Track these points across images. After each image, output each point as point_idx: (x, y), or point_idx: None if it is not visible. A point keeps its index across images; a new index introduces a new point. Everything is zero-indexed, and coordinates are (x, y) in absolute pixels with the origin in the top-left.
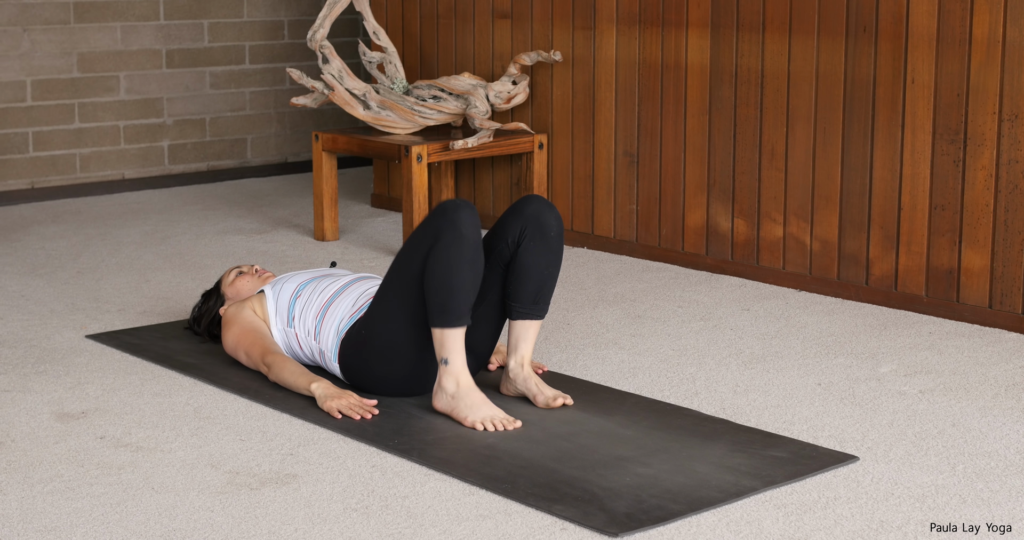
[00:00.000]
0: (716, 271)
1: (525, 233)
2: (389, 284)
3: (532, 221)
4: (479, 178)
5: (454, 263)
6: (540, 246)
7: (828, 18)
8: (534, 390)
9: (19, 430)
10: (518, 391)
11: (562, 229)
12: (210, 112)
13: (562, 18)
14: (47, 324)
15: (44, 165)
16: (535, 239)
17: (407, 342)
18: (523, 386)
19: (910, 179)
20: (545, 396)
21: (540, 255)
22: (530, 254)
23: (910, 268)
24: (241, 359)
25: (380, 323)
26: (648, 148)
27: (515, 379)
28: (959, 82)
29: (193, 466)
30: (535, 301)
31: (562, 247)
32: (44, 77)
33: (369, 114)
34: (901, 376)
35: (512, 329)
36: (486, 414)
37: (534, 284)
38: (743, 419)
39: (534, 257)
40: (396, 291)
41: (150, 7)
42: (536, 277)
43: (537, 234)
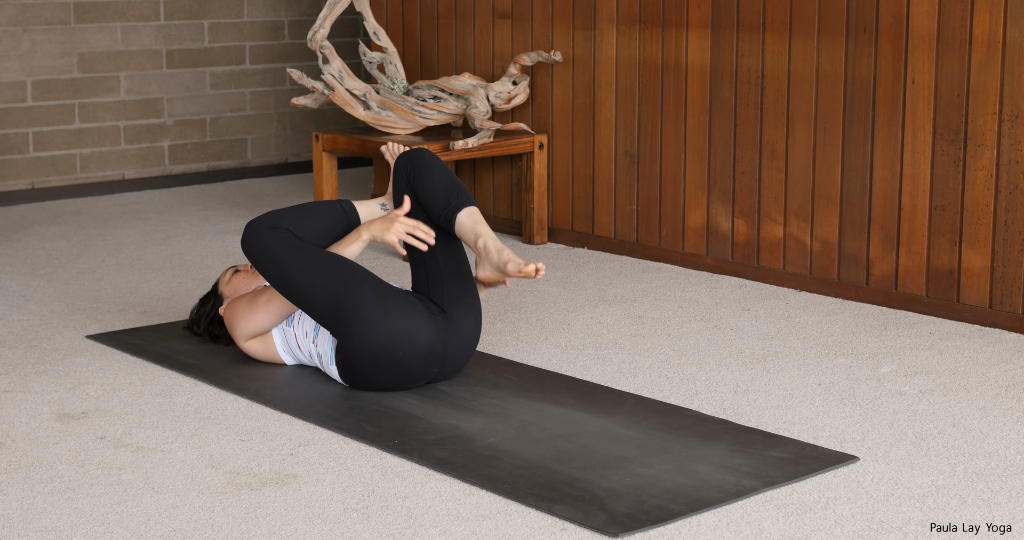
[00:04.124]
0: (716, 271)
1: (410, 174)
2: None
3: (405, 166)
4: (479, 178)
5: (301, 223)
6: (421, 170)
7: (828, 18)
8: (506, 258)
9: (19, 430)
10: (494, 267)
11: (428, 152)
12: (210, 112)
13: (562, 18)
14: (47, 324)
15: (44, 165)
16: (415, 172)
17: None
18: (497, 258)
19: (910, 179)
20: (516, 262)
21: (427, 175)
22: (419, 179)
23: (910, 268)
24: (263, 318)
25: (344, 327)
26: (648, 148)
27: (487, 256)
28: (959, 82)
29: (193, 466)
30: (453, 196)
31: (435, 157)
32: (44, 77)
33: (369, 114)
34: (901, 376)
35: (459, 231)
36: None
37: (441, 189)
38: (743, 419)
39: (425, 177)
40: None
41: (150, 7)
42: (437, 184)
43: (414, 169)
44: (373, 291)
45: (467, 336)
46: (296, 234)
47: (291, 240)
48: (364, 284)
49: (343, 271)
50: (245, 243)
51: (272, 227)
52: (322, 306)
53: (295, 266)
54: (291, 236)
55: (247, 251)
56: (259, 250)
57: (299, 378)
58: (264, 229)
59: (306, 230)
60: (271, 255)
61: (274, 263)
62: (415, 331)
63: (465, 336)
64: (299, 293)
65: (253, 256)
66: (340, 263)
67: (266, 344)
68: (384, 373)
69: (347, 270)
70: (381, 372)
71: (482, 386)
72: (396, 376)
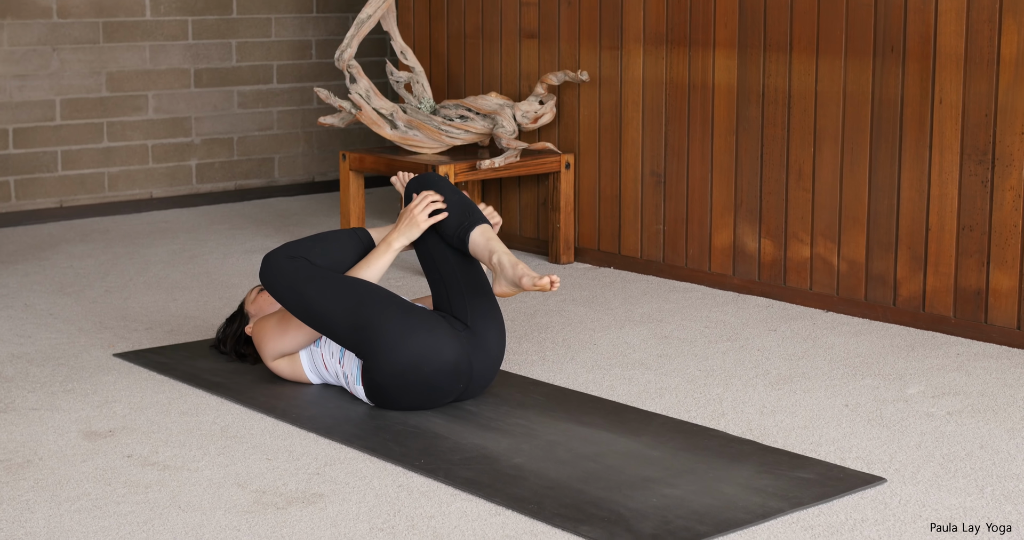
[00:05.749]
0: (743, 291)
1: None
2: (333, 328)
3: (416, 191)
4: (506, 198)
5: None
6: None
7: (855, 38)
8: (520, 272)
9: (47, 448)
10: (510, 282)
11: (437, 175)
12: (238, 131)
13: (589, 38)
14: (75, 342)
15: (73, 184)
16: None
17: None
18: (512, 273)
19: (938, 199)
20: (531, 276)
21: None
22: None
23: (938, 289)
24: (294, 339)
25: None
26: (675, 168)
27: (502, 271)
28: (987, 102)
29: (220, 485)
30: (465, 217)
31: (444, 180)
32: (73, 96)
33: (396, 134)
34: (929, 397)
35: (473, 250)
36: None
37: (452, 210)
38: (770, 440)
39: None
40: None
41: (179, 27)
42: (448, 206)
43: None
44: (396, 309)
45: (492, 351)
46: (313, 262)
47: (309, 268)
48: (386, 303)
49: (364, 293)
50: (264, 275)
51: (289, 257)
52: (346, 329)
53: (315, 292)
54: (309, 264)
55: (266, 283)
56: (277, 280)
57: (325, 397)
58: (282, 259)
59: (323, 258)
60: (289, 284)
61: (293, 291)
62: (440, 346)
63: (490, 351)
64: (322, 318)
65: (272, 287)
66: (360, 285)
67: (293, 364)
68: (411, 391)
69: (368, 291)
70: (408, 390)
71: (508, 406)
72: (422, 394)
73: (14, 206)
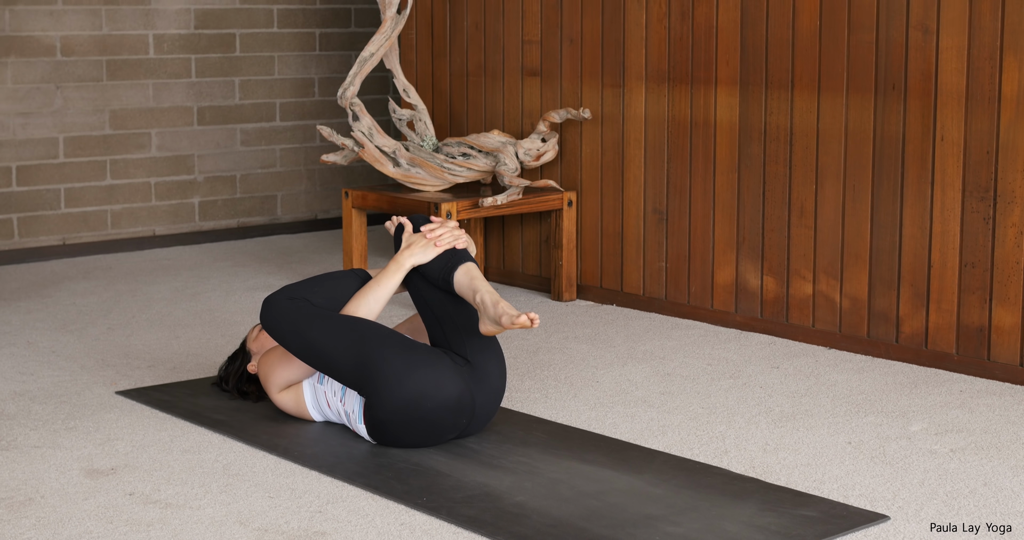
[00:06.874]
0: (745, 329)
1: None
2: (336, 367)
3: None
4: (508, 235)
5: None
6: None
7: (857, 76)
8: (500, 311)
9: (48, 486)
10: (493, 320)
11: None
12: (241, 169)
13: (591, 76)
14: (77, 380)
15: (76, 221)
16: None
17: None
18: (493, 312)
19: (940, 236)
20: (510, 314)
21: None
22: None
23: (940, 326)
24: (300, 366)
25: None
26: (677, 205)
27: (485, 310)
28: (989, 139)
29: (222, 523)
30: (450, 256)
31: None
32: (76, 134)
33: (399, 171)
34: (932, 435)
35: (459, 289)
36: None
37: (436, 259)
38: (773, 478)
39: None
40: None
41: (182, 65)
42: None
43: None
44: (397, 346)
45: (493, 385)
46: (313, 302)
47: (309, 308)
48: (387, 340)
49: (365, 330)
50: (264, 317)
51: (290, 298)
52: (348, 366)
53: (316, 331)
54: (309, 305)
55: (267, 324)
56: (279, 322)
57: (327, 435)
58: (283, 301)
59: (323, 298)
60: (292, 325)
61: (294, 332)
62: (442, 381)
63: (491, 385)
64: (323, 356)
65: (274, 329)
66: (360, 323)
67: (297, 399)
68: (413, 427)
69: (368, 329)
70: (410, 427)
71: (511, 443)
72: (425, 430)
73: (17, 243)
